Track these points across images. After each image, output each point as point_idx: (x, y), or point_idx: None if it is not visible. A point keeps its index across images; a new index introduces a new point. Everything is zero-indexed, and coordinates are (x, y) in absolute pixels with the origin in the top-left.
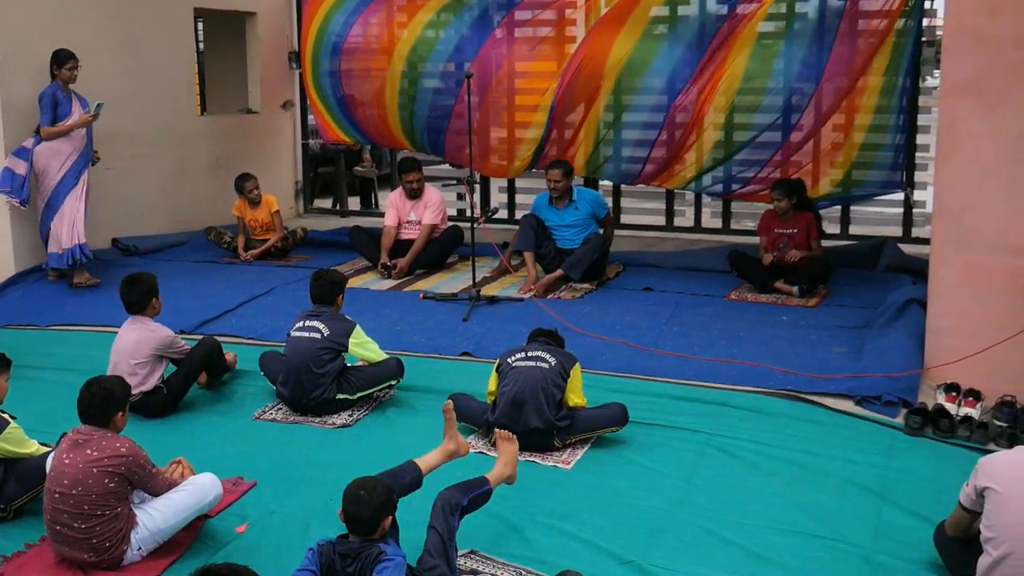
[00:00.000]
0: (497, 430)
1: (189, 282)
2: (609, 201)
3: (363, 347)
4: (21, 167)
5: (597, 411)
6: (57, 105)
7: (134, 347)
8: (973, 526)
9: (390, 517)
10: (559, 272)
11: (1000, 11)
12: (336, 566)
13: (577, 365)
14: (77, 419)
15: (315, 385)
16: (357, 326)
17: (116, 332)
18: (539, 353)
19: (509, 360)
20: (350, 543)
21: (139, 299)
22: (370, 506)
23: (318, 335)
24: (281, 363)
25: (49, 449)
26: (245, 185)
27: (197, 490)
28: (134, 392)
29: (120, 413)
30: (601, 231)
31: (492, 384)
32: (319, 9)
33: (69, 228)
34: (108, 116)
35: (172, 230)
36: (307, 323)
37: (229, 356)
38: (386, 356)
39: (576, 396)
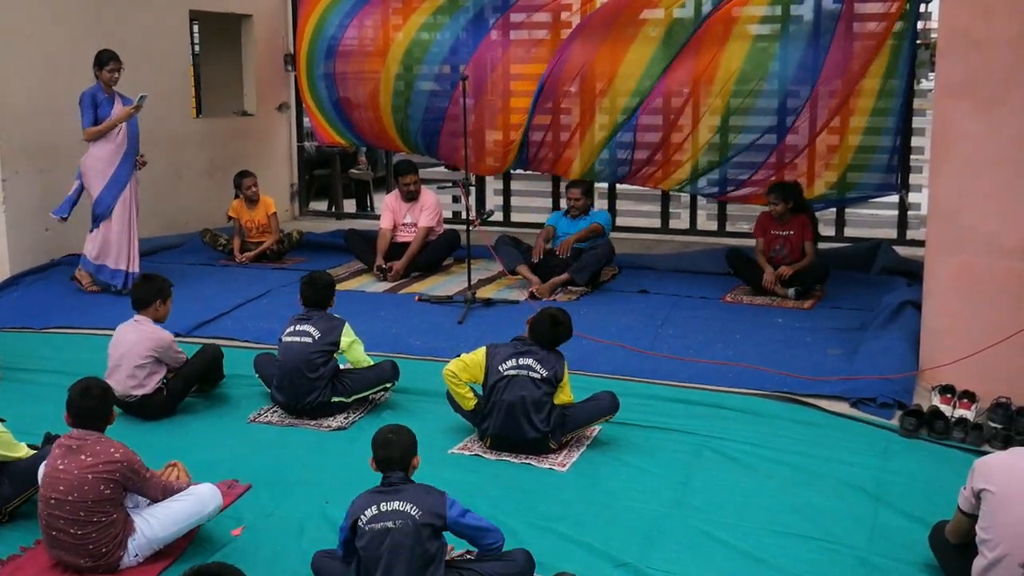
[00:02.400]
0: None
1: (184, 285)
2: (605, 204)
3: (354, 346)
4: (73, 186)
5: (588, 404)
6: (97, 106)
7: (131, 348)
8: (973, 531)
9: (417, 457)
10: (565, 276)
11: (994, 13)
12: (371, 499)
13: (565, 367)
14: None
15: (310, 389)
16: (346, 323)
17: (111, 335)
18: (530, 362)
19: (500, 367)
20: (389, 479)
21: (143, 296)
22: (400, 445)
23: (309, 339)
24: (275, 366)
25: (37, 451)
26: (244, 181)
27: (197, 501)
28: (133, 395)
29: (113, 414)
30: (607, 238)
31: (471, 358)
32: (314, 11)
33: (124, 245)
34: None
35: (167, 233)
36: (298, 327)
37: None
38: (372, 362)
39: (565, 395)
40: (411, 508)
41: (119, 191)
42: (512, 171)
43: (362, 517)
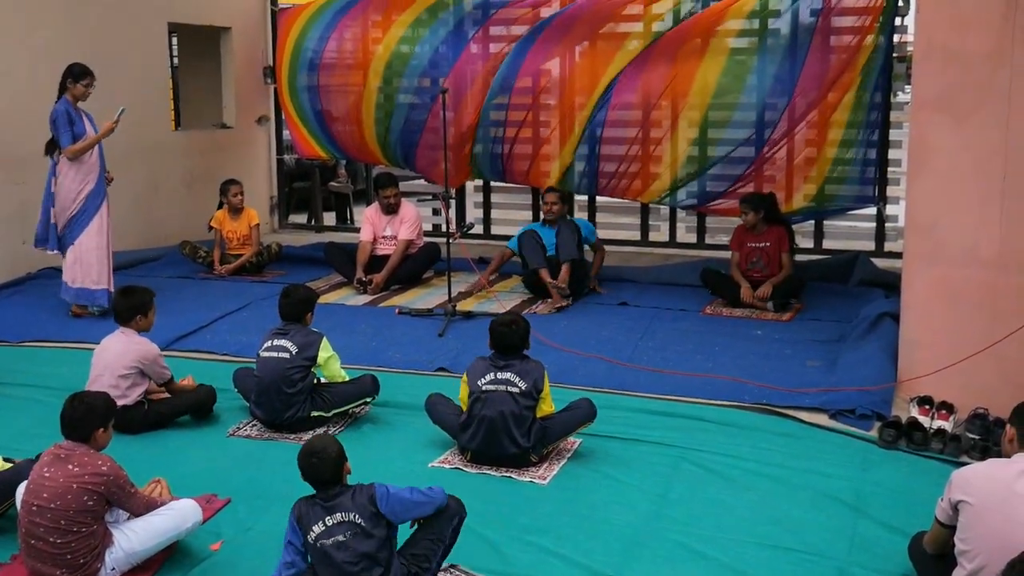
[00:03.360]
0: None
1: (163, 298)
2: (585, 216)
3: (330, 361)
4: (54, 215)
5: (566, 414)
6: (73, 123)
7: (116, 358)
8: (951, 541)
9: (347, 463)
10: (565, 267)
11: (968, 27)
12: (315, 514)
13: (546, 376)
14: (48, 436)
15: (288, 405)
16: (324, 338)
17: (90, 348)
18: (508, 376)
19: (479, 383)
20: (326, 492)
21: (123, 311)
22: (327, 467)
23: (287, 354)
24: (253, 381)
25: (11, 465)
26: (231, 189)
27: (176, 516)
28: None
29: (101, 429)
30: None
31: (464, 394)
32: (295, 24)
33: (105, 263)
34: None
35: (145, 245)
36: (275, 342)
37: (187, 381)
38: (347, 377)
39: (547, 406)
40: (354, 516)
41: (95, 210)
42: (491, 182)
43: (311, 534)
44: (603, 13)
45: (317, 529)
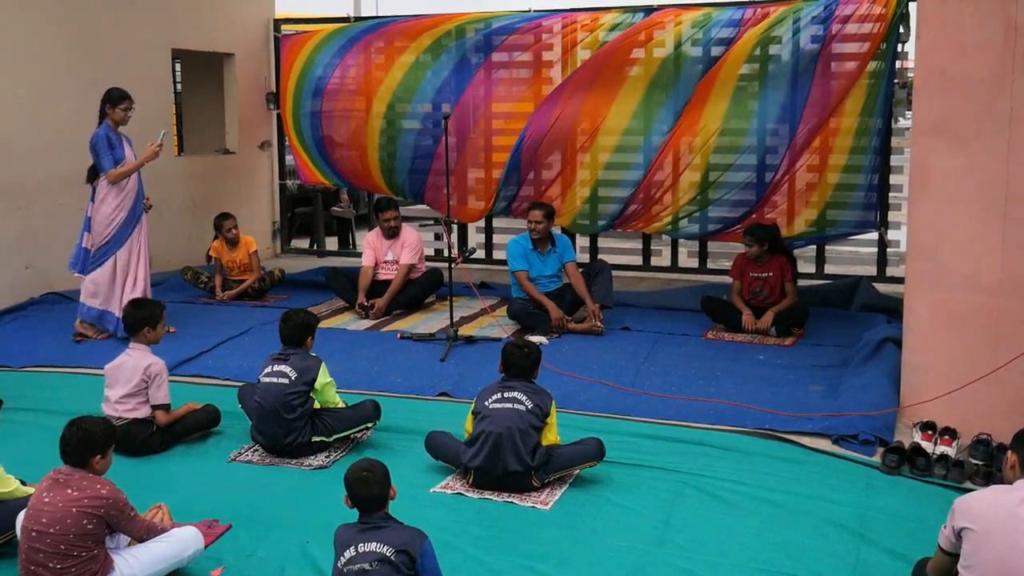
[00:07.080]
0: None
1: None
2: (587, 241)
3: (327, 387)
4: (87, 239)
5: (574, 447)
6: (113, 148)
7: (126, 373)
8: (955, 569)
9: (393, 488)
10: (597, 305)
11: (967, 54)
12: (351, 538)
13: (553, 406)
14: (50, 461)
15: (288, 430)
16: (323, 363)
17: (91, 373)
18: (515, 395)
19: (486, 403)
20: (369, 516)
21: (130, 323)
22: (376, 481)
23: (286, 379)
24: (255, 406)
25: (31, 490)
26: (224, 224)
27: (178, 543)
28: (124, 416)
29: (99, 456)
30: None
31: (469, 424)
32: (301, 51)
33: (117, 289)
34: (84, 157)
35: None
36: (275, 367)
37: (184, 409)
38: (342, 403)
39: (552, 435)
40: (385, 548)
41: (126, 239)
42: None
43: (341, 559)
44: (617, 53)
45: (348, 555)
